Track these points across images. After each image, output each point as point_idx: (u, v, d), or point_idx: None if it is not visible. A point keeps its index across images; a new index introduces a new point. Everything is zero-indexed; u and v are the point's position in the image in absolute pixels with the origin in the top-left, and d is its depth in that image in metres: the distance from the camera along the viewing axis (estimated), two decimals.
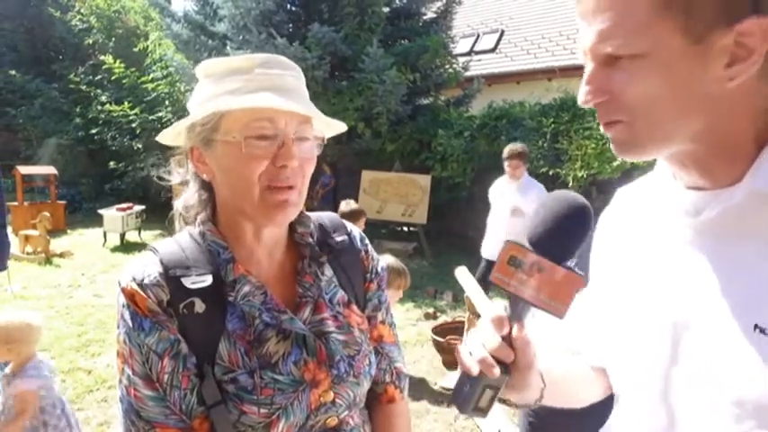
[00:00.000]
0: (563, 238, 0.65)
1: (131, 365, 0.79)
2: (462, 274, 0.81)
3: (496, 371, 0.64)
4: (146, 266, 0.82)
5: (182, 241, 0.87)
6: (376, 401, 1.01)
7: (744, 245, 0.60)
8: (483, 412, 0.67)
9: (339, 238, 0.98)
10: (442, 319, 5.04)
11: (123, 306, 0.80)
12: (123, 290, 0.81)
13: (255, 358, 0.82)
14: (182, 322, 0.80)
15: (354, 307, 0.95)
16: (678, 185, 0.68)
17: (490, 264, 4.17)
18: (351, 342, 0.91)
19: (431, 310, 5.29)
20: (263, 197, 0.81)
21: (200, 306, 0.81)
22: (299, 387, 0.83)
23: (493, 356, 0.65)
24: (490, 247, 4.49)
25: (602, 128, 0.65)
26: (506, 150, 4.27)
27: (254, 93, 0.79)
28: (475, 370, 0.66)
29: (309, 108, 0.82)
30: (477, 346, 0.67)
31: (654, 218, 0.72)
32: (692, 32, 0.55)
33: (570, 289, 0.63)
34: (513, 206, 4.24)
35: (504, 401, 0.73)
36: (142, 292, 0.79)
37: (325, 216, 1.02)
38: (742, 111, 0.59)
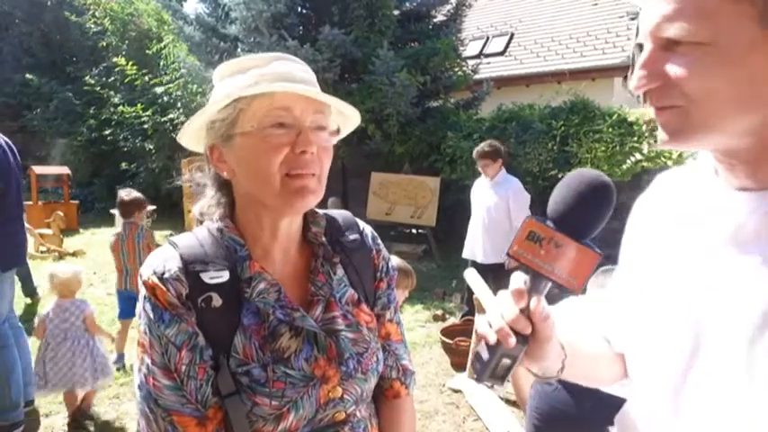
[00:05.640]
0: (583, 216, 0.65)
1: (151, 355, 0.82)
2: (471, 276, 0.83)
3: (512, 341, 0.64)
4: (166, 261, 0.84)
5: (200, 236, 0.89)
6: (382, 396, 1.04)
7: None
8: (500, 380, 0.67)
9: (351, 237, 1.00)
10: (451, 320, 5.04)
11: (144, 298, 0.83)
12: (145, 283, 0.83)
13: (269, 353, 0.84)
14: (199, 315, 0.83)
15: (364, 306, 0.97)
16: (719, 183, 0.65)
17: (474, 264, 4.30)
18: (359, 340, 0.93)
19: (439, 312, 5.30)
20: (283, 184, 0.83)
21: (217, 300, 0.83)
22: (310, 382, 0.86)
23: (511, 327, 0.65)
24: (468, 248, 4.60)
25: (652, 111, 0.63)
26: (474, 152, 4.38)
27: (271, 83, 0.82)
28: (492, 338, 0.66)
29: (325, 95, 0.85)
30: (496, 317, 0.66)
31: (691, 212, 0.69)
32: (767, 20, 0.52)
33: (587, 266, 0.63)
34: (487, 205, 4.34)
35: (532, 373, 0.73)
36: (162, 286, 0.82)
37: (338, 214, 1.04)
38: None
